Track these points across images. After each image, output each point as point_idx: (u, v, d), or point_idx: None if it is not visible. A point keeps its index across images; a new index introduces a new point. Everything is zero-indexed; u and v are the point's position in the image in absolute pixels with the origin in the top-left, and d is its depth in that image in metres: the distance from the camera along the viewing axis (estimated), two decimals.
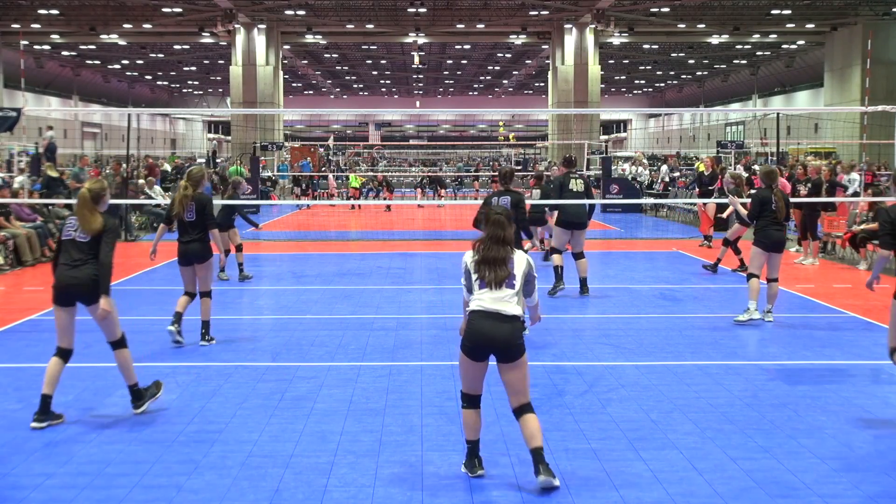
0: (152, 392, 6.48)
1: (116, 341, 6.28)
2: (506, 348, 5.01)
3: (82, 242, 6.17)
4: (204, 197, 8.66)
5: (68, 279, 6.13)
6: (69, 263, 6.16)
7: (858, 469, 5.26)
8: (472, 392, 5.17)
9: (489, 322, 4.99)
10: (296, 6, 39.63)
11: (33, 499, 4.83)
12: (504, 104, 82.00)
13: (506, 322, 5.00)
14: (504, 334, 4.99)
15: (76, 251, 6.18)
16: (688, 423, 6.12)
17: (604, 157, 31.62)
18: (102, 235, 6.16)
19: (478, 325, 5.01)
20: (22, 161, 22.20)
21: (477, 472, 5.11)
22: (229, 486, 5.00)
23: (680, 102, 79.22)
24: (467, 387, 5.17)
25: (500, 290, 5.03)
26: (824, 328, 9.49)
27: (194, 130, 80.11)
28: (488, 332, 4.99)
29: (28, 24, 40.54)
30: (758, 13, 40.89)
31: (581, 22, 40.67)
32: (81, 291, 6.13)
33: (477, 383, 5.16)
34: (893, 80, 37.90)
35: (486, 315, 5.01)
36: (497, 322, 4.99)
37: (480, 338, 5.00)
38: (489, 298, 5.03)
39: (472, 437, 5.16)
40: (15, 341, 8.83)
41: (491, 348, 5.03)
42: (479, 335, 5.00)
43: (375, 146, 66.04)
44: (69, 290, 6.14)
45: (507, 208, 5.45)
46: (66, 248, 6.23)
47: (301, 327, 9.35)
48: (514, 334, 5.03)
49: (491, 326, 4.98)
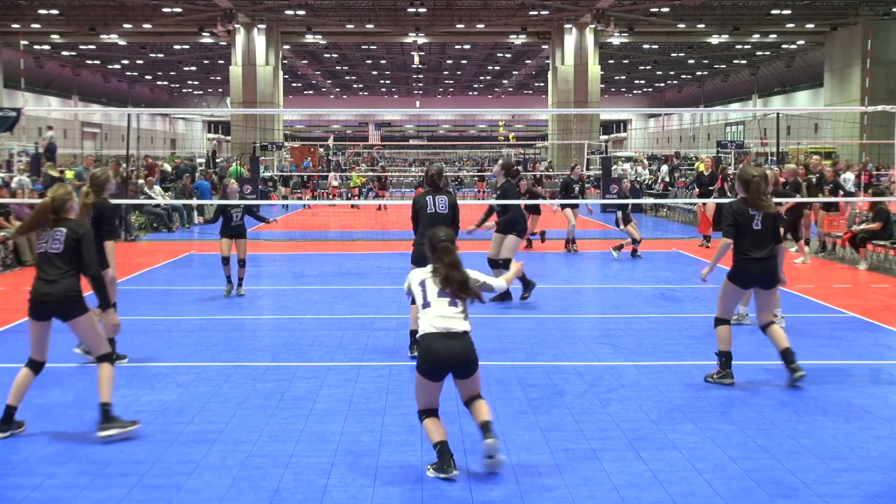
0: (126, 426, 5.80)
1: (102, 356, 5.94)
2: (463, 365, 5.15)
3: (55, 254, 5.83)
4: (105, 204, 7.61)
5: (42, 295, 5.82)
6: (44, 279, 5.83)
7: (858, 469, 5.26)
8: (430, 407, 5.25)
9: (443, 343, 5.10)
10: (296, 6, 39.64)
11: (33, 499, 4.83)
12: (504, 104, 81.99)
13: (458, 339, 5.12)
14: (458, 352, 5.10)
15: (48, 265, 5.84)
16: (688, 423, 6.12)
17: (604, 157, 31.61)
18: (80, 243, 5.83)
19: (433, 347, 5.10)
20: (22, 161, 22.19)
21: (451, 472, 5.06)
22: (229, 486, 5.00)
23: (680, 102, 79.23)
24: (425, 404, 5.25)
25: (447, 307, 5.17)
26: (824, 328, 9.49)
27: (194, 130, 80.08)
28: (444, 353, 5.09)
29: (28, 24, 40.54)
30: (758, 13, 40.89)
31: (581, 22, 40.68)
32: (57, 307, 5.83)
33: (435, 400, 5.27)
34: (893, 80, 37.92)
35: (438, 336, 5.11)
36: (450, 341, 5.11)
37: (436, 359, 5.11)
38: (438, 317, 5.14)
39: (440, 438, 5.15)
40: (15, 341, 8.82)
41: (448, 367, 5.14)
42: (436, 357, 5.10)
43: (375, 146, 66.01)
44: (44, 305, 5.85)
45: (449, 231, 5.53)
46: (40, 263, 5.91)
47: (301, 327, 9.35)
48: (468, 349, 5.15)
49: (445, 347, 5.09)
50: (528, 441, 5.75)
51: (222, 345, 8.64)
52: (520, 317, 10.05)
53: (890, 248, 13.78)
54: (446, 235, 5.33)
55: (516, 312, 10.33)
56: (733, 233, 7.05)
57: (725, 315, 7.20)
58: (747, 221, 7.05)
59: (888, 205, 14.78)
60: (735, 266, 7.11)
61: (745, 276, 7.07)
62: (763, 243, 7.05)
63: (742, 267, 7.06)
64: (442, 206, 8.12)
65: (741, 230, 7.04)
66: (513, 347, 8.48)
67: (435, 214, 8.05)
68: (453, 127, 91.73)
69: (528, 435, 5.87)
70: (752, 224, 7.04)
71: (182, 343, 8.71)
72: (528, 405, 6.55)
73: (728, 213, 7.13)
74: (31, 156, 24.69)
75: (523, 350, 8.39)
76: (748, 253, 7.02)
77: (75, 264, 5.85)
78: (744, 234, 7.04)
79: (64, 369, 7.55)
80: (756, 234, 7.04)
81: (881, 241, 13.91)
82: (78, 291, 5.87)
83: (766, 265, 7.06)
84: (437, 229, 5.49)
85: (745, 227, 7.04)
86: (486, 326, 9.39)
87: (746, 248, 7.03)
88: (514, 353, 8.20)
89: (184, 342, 8.75)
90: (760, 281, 7.10)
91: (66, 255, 5.83)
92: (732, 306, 7.27)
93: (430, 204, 8.13)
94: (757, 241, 7.04)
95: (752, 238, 7.04)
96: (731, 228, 7.03)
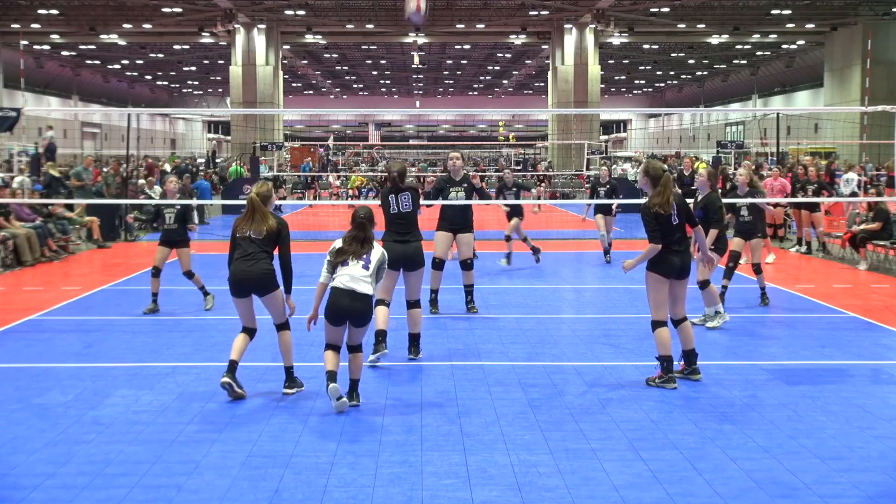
0: (300, 385, 6.93)
1: (283, 324, 6.99)
2: (360, 318, 6.46)
3: (257, 239, 6.76)
4: None
5: (242, 273, 6.73)
6: (244, 257, 6.75)
7: (858, 469, 5.26)
8: (332, 343, 6.52)
9: (346, 298, 6.35)
10: (296, 6, 39.62)
11: (33, 499, 4.83)
12: (504, 104, 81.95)
13: (357, 300, 6.38)
14: (357, 308, 6.40)
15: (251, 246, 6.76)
16: (688, 423, 6.12)
17: (604, 157, 31.60)
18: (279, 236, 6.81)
19: (338, 301, 6.38)
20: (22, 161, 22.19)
21: (336, 396, 6.27)
22: (229, 486, 5.00)
23: (680, 102, 79.20)
24: (329, 340, 6.53)
25: (360, 269, 6.45)
26: (824, 328, 9.49)
27: (194, 130, 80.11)
28: (346, 307, 6.38)
29: (28, 24, 40.51)
30: (758, 13, 40.87)
31: (581, 22, 40.66)
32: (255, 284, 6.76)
33: (338, 339, 6.55)
34: (893, 80, 37.89)
35: (343, 292, 6.37)
36: (352, 299, 6.36)
37: (339, 311, 6.40)
38: (348, 277, 6.42)
39: (331, 368, 6.40)
40: (15, 341, 8.83)
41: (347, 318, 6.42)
42: (339, 309, 6.40)
43: (375, 146, 65.99)
44: (244, 283, 6.75)
45: (367, 209, 6.63)
46: (240, 244, 6.81)
47: (301, 327, 9.29)
48: (367, 307, 6.47)
49: (348, 302, 6.36)
50: (528, 441, 5.75)
51: (222, 345, 8.62)
52: (520, 317, 10.05)
53: (890, 248, 13.78)
54: (365, 214, 6.58)
55: (516, 312, 10.33)
56: (660, 236, 6.98)
57: (660, 317, 7.04)
58: (668, 219, 7.05)
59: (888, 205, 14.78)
60: (656, 257, 7.06)
61: (666, 264, 7.03)
62: (681, 236, 7.13)
63: (663, 257, 7.02)
64: (406, 204, 8.10)
65: (664, 228, 7.03)
66: (513, 347, 8.48)
67: (399, 214, 8.09)
68: (453, 127, 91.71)
69: (528, 435, 5.88)
70: (671, 220, 7.07)
71: (182, 343, 8.72)
72: (528, 405, 6.55)
73: (650, 218, 7.01)
74: (31, 156, 24.69)
75: (523, 350, 8.39)
76: (670, 246, 7.04)
77: (269, 250, 6.85)
78: (666, 230, 7.03)
79: (64, 369, 7.56)
80: (675, 228, 7.08)
81: (881, 241, 13.91)
82: None
83: (683, 257, 7.10)
84: (359, 208, 6.63)
85: (667, 224, 7.05)
86: (487, 326, 9.40)
87: (668, 242, 7.03)
88: (514, 353, 8.20)
89: (184, 342, 8.75)
90: (679, 272, 7.09)
91: (266, 242, 6.82)
92: (663, 301, 7.07)
93: (393, 204, 8.14)
94: (676, 234, 7.08)
95: (672, 232, 7.06)
96: (657, 232, 6.93)
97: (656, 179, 7.01)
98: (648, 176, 7.09)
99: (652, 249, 6.98)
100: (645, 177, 7.15)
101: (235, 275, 6.73)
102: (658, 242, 6.95)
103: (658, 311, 7.04)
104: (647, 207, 7.04)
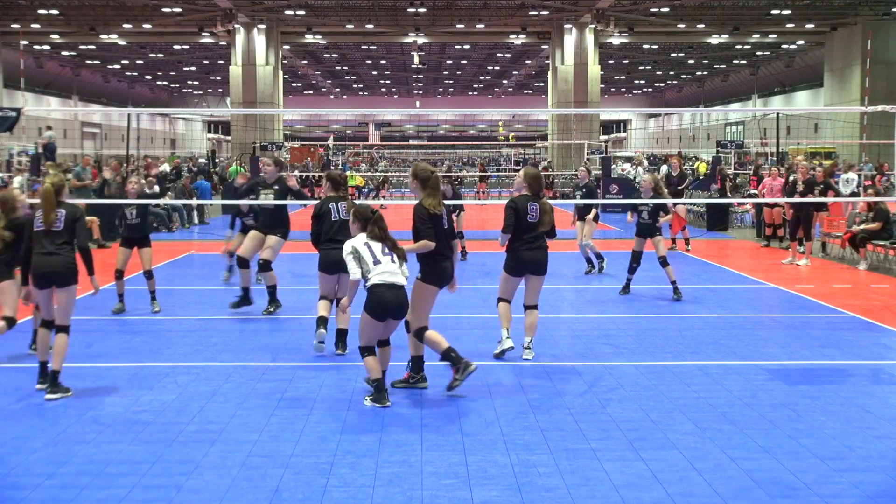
0: (65, 390, 6.78)
1: (64, 326, 6.86)
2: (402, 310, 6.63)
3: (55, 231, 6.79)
4: None
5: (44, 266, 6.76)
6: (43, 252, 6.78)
7: (858, 469, 5.26)
8: (372, 344, 6.60)
9: (391, 292, 6.48)
10: (296, 6, 39.63)
11: (33, 499, 4.83)
12: (504, 104, 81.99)
13: (400, 289, 6.53)
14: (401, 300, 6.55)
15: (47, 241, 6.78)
16: (688, 423, 6.12)
17: (603, 157, 31.60)
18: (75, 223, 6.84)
19: (383, 296, 6.47)
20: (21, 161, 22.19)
21: (385, 403, 6.42)
22: (229, 486, 5.00)
23: (680, 102, 79.21)
24: (368, 342, 6.58)
25: (390, 264, 6.56)
26: (824, 328, 9.49)
27: (194, 130, 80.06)
28: (392, 301, 6.51)
29: (28, 24, 40.53)
30: (758, 13, 40.89)
31: (581, 22, 40.67)
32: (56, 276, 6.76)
33: (379, 336, 6.68)
34: (893, 80, 37.91)
35: (387, 287, 6.48)
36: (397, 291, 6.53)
37: (386, 305, 6.51)
38: (387, 273, 6.51)
39: (378, 375, 6.55)
40: (15, 341, 8.82)
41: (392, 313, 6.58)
42: (386, 303, 6.50)
43: (375, 146, 66.00)
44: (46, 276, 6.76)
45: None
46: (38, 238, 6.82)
47: (301, 327, 9.34)
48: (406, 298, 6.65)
49: (393, 295, 6.50)
50: (528, 441, 5.75)
51: (222, 345, 8.64)
52: (520, 317, 10.04)
53: (890, 248, 13.78)
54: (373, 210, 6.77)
55: (516, 312, 10.31)
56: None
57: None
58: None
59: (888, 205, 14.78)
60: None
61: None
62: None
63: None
64: (346, 212, 8.14)
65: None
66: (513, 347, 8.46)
67: (340, 221, 8.18)
68: (453, 127, 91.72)
69: (528, 435, 5.88)
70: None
71: (182, 343, 8.72)
72: (528, 405, 6.55)
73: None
74: (30, 156, 24.71)
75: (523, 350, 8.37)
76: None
77: (69, 241, 6.88)
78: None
79: (64, 369, 7.53)
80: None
81: (881, 241, 13.91)
82: None
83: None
84: (363, 207, 6.80)
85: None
86: (487, 326, 9.39)
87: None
88: (515, 353, 8.19)
89: (184, 342, 8.76)
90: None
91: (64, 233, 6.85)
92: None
93: (333, 211, 8.25)
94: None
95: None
96: (431, 230, 6.97)
97: (425, 181, 7.03)
98: (417, 179, 7.08)
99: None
100: (414, 179, 7.14)
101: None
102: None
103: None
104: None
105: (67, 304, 6.83)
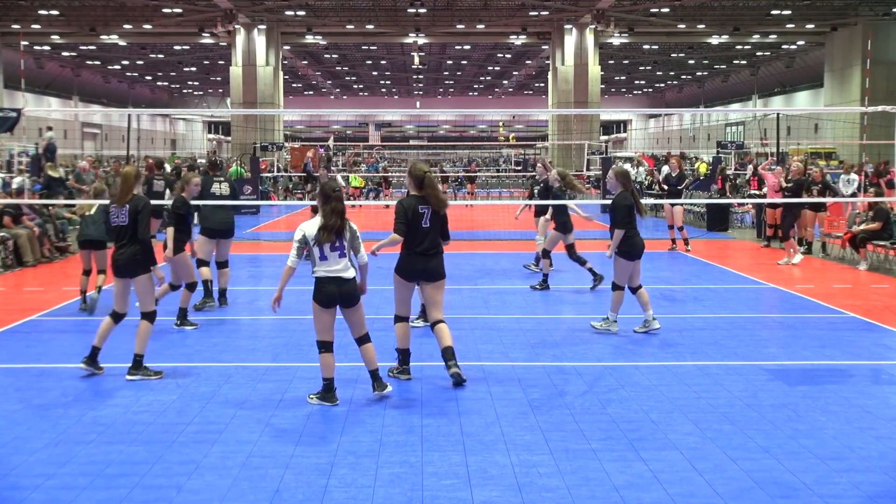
0: (150, 374, 7.26)
1: (148, 313, 7.33)
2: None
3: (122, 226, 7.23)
4: None
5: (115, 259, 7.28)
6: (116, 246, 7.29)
7: (858, 469, 5.26)
8: (325, 337, 6.67)
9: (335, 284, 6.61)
10: (296, 6, 39.63)
11: (33, 499, 4.83)
12: (504, 104, 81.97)
13: (345, 282, 6.62)
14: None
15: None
16: (688, 424, 6.12)
17: (604, 158, 31.62)
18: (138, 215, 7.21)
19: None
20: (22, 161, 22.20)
21: (334, 402, 6.53)
22: (229, 486, 5.00)
23: (680, 103, 79.21)
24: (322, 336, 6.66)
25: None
26: (824, 328, 9.49)
27: (194, 131, 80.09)
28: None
29: (28, 24, 40.54)
30: (758, 13, 40.89)
31: (581, 22, 40.68)
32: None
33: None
34: (893, 80, 37.89)
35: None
36: None
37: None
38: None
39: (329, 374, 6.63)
40: (15, 341, 8.83)
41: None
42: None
43: (375, 146, 66.00)
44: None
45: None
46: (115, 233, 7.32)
47: (301, 327, 9.34)
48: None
49: (337, 287, 6.66)
50: (529, 441, 5.76)
51: (222, 345, 8.64)
52: (520, 317, 10.06)
53: (890, 248, 13.78)
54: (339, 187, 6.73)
55: (516, 312, 10.33)
56: (404, 230, 7.12)
57: (402, 312, 7.29)
58: (417, 218, 7.14)
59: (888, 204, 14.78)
60: (401, 260, 7.25)
61: (410, 270, 7.20)
62: (430, 239, 7.16)
63: (407, 261, 7.20)
64: None
65: (411, 226, 7.12)
66: (513, 347, 8.48)
67: None
68: (453, 127, 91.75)
69: (528, 435, 5.88)
70: (421, 221, 7.14)
71: (182, 343, 8.72)
72: (528, 405, 6.55)
73: (400, 211, 7.17)
74: (31, 156, 24.70)
75: (523, 350, 8.39)
76: (414, 248, 7.15)
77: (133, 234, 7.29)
78: (413, 230, 7.13)
79: (64, 369, 7.56)
80: (424, 231, 7.15)
81: (881, 241, 13.91)
82: None
83: (429, 261, 7.19)
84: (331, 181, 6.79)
85: (415, 223, 7.13)
86: (487, 326, 9.40)
87: (413, 243, 7.15)
88: (514, 353, 8.20)
89: (184, 342, 8.76)
90: (423, 275, 7.23)
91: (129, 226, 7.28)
92: (406, 300, 7.29)
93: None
94: (424, 238, 7.15)
95: (419, 234, 7.15)
96: (402, 226, 7.00)
97: (420, 180, 7.13)
98: (413, 177, 7.21)
99: (392, 241, 7.22)
100: (411, 178, 7.24)
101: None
102: (401, 234, 7.16)
103: (399, 308, 7.31)
104: (401, 202, 7.29)
105: (142, 293, 7.33)
